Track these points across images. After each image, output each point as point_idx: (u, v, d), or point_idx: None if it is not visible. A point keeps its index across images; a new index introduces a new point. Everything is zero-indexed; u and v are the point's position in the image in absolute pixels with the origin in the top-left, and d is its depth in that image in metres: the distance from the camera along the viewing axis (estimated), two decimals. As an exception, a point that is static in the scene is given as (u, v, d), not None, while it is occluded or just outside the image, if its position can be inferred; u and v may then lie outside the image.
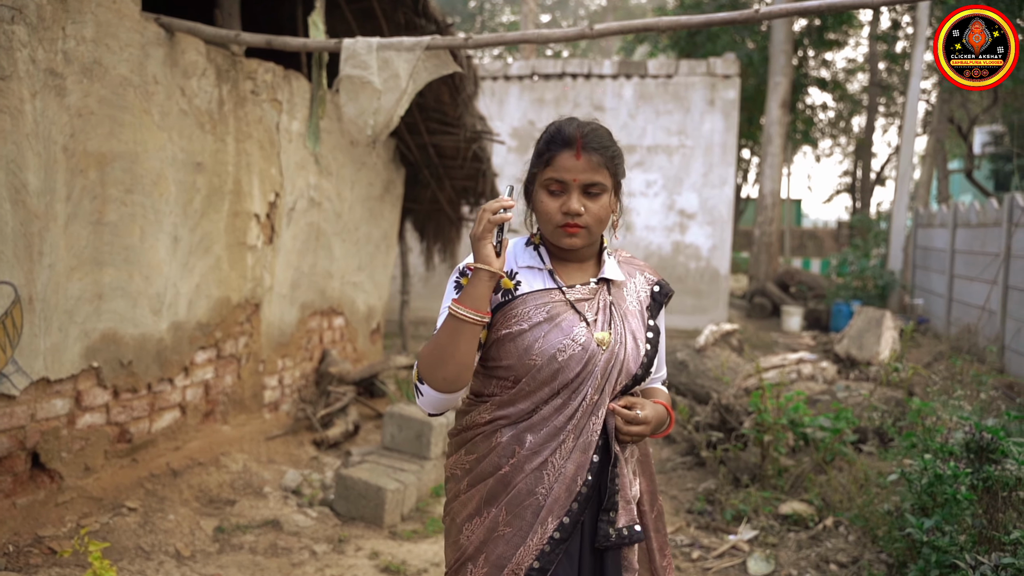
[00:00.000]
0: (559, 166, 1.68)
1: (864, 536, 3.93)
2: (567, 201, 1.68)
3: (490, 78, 10.78)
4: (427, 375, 1.65)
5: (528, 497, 1.67)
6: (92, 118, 3.53)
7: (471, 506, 1.72)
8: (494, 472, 1.70)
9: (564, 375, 1.67)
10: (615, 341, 1.71)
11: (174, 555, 3.52)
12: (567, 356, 1.67)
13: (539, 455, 1.68)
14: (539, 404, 1.69)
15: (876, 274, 12.23)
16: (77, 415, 3.62)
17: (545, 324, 1.69)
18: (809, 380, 6.21)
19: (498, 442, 1.70)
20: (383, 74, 3.73)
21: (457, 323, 1.62)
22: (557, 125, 1.74)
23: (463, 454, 1.77)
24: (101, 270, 3.65)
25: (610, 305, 1.76)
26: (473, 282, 1.64)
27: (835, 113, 23.77)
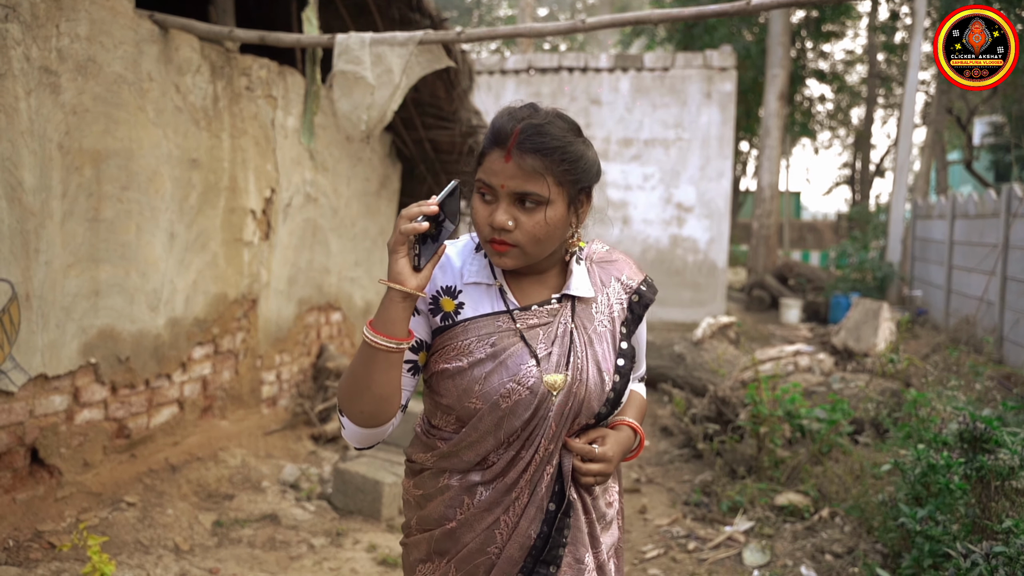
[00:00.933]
0: (487, 167, 1.39)
1: (859, 526, 3.95)
2: (494, 211, 1.38)
3: (487, 72, 10.78)
4: (345, 407, 1.41)
5: (479, 556, 1.46)
6: (87, 115, 3.54)
7: (421, 550, 1.53)
8: (440, 523, 1.48)
9: (510, 424, 1.41)
10: (573, 380, 1.43)
11: (173, 549, 3.55)
12: (512, 402, 1.40)
13: (491, 513, 1.45)
14: (486, 455, 1.44)
15: (875, 266, 12.25)
16: (75, 411, 3.64)
17: (488, 361, 1.41)
18: (806, 372, 6.23)
19: (447, 485, 1.48)
20: (376, 69, 3.73)
21: (370, 350, 1.34)
22: (498, 118, 1.43)
23: (412, 485, 1.56)
24: (98, 267, 3.67)
25: (571, 332, 1.47)
26: (385, 303, 1.34)
27: (834, 105, 23.75)
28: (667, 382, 6.86)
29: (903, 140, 12.27)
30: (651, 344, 7.64)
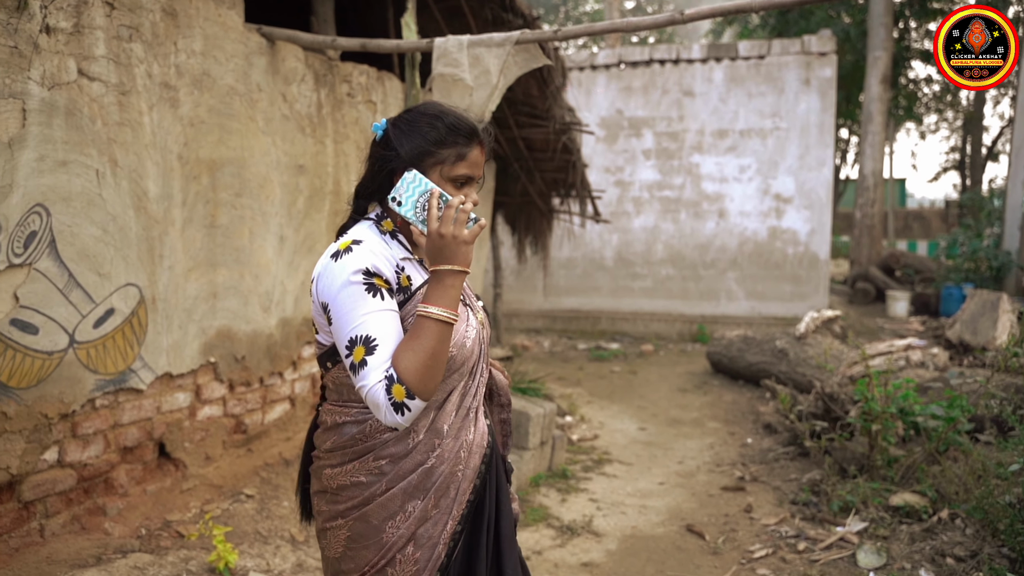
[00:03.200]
0: (473, 162, 1.70)
1: (983, 529, 3.76)
2: (471, 193, 1.71)
3: (576, 68, 10.74)
4: (422, 388, 1.56)
5: (450, 479, 1.72)
6: (203, 127, 3.73)
7: (393, 505, 1.69)
8: (416, 468, 1.69)
9: (470, 360, 1.74)
10: (485, 317, 1.86)
11: (289, 540, 3.70)
12: (471, 341, 1.73)
13: (457, 439, 1.73)
14: (449, 391, 1.72)
15: (990, 255, 11.60)
16: (197, 407, 3.84)
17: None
18: (919, 367, 5.97)
19: (415, 441, 1.69)
20: (474, 71, 3.79)
21: (446, 329, 1.58)
22: (456, 115, 1.72)
23: (370, 460, 1.70)
24: (215, 270, 3.86)
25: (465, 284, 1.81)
26: (455, 284, 1.59)
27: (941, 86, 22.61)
28: (770, 378, 6.70)
29: (1020, 120, 11.57)
30: (750, 339, 7.47)
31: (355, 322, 1.58)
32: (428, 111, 1.72)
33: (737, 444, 5.73)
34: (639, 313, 10.72)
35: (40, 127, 2.92)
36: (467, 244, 1.58)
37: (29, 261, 2.92)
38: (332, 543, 1.76)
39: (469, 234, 1.58)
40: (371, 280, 1.60)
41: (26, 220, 2.89)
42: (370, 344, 1.57)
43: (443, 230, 1.57)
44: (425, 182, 1.62)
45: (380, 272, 1.61)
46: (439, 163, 1.68)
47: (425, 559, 1.71)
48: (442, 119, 1.69)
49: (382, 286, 1.61)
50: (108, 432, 3.35)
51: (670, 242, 10.56)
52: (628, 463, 5.37)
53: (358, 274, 1.59)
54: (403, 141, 1.69)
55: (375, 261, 1.62)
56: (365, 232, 1.70)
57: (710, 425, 6.27)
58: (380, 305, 1.60)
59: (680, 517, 4.39)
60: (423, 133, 1.68)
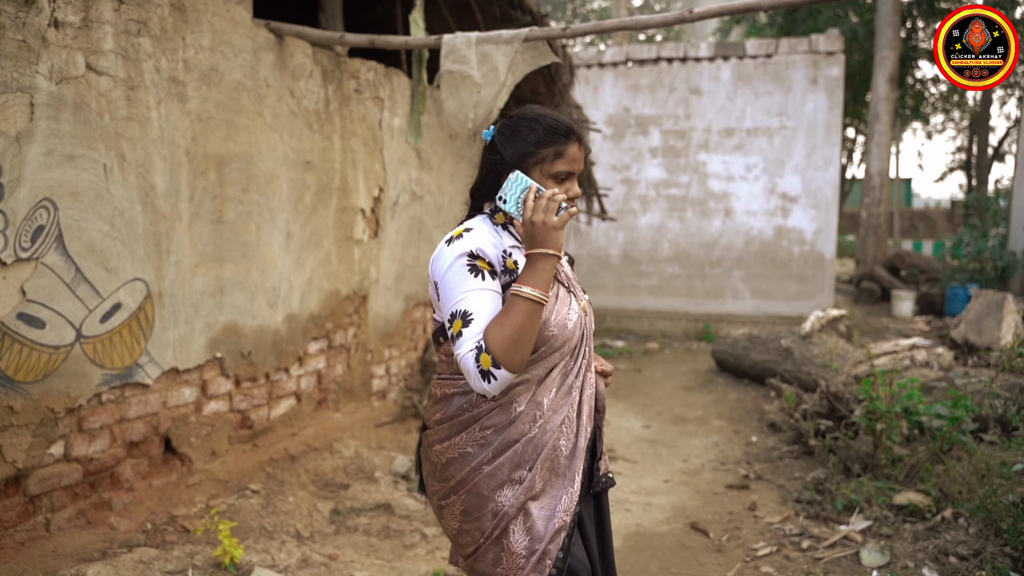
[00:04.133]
0: (571, 158, 1.84)
1: (987, 528, 3.75)
2: (572, 187, 1.86)
3: (584, 66, 10.73)
4: (507, 359, 1.69)
5: (555, 452, 1.83)
6: (210, 122, 3.74)
7: (501, 475, 1.81)
8: (521, 436, 1.80)
9: (571, 341, 1.86)
10: (586, 305, 1.98)
11: (294, 535, 3.71)
12: (573, 323, 1.86)
13: (559, 413, 1.84)
14: (551, 368, 1.84)
15: (995, 255, 11.57)
16: (203, 403, 3.85)
17: (552, 298, 1.83)
18: (923, 367, 5.96)
19: (518, 411, 1.81)
20: (482, 68, 3.79)
21: (535, 307, 1.71)
22: (553, 117, 1.86)
23: (476, 430, 1.83)
24: (222, 266, 3.87)
25: (567, 276, 1.95)
26: (546, 267, 1.73)
27: (948, 86, 22.53)
28: (775, 376, 6.69)
29: (1027, 121, 11.53)
30: (756, 338, 7.46)
31: (457, 298, 1.74)
32: (528, 115, 1.87)
33: (742, 442, 5.73)
34: (644, 311, 10.71)
35: (48, 121, 2.93)
36: (556, 230, 1.72)
37: (36, 255, 2.93)
38: (449, 520, 1.89)
39: (559, 220, 1.72)
40: (475, 262, 1.76)
41: (33, 214, 2.90)
42: (467, 318, 1.72)
43: (535, 218, 1.72)
44: (525, 180, 1.76)
45: (484, 255, 1.76)
46: (539, 162, 1.83)
47: (540, 533, 1.79)
48: (540, 122, 1.84)
49: (485, 268, 1.76)
50: (114, 427, 3.37)
51: (676, 240, 10.56)
52: (633, 460, 5.37)
53: (463, 256, 1.76)
54: (507, 145, 1.85)
55: (481, 245, 1.77)
56: (477, 223, 1.87)
57: (715, 423, 6.27)
58: (480, 284, 1.74)
59: (684, 515, 4.39)
60: (523, 136, 1.84)
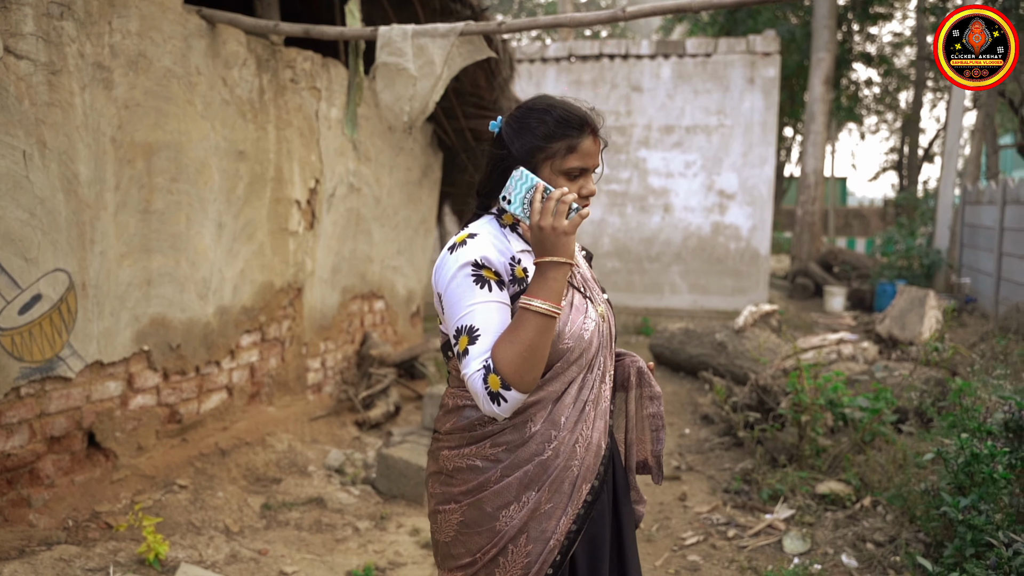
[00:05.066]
0: (585, 152, 1.67)
1: (902, 515, 3.92)
2: (586, 184, 1.70)
3: (527, 60, 10.77)
4: (518, 380, 1.56)
5: (564, 472, 1.71)
6: (138, 109, 3.65)
7: (508, 494, 1.71)
8: (532, 458, 1.69)
9: (588, 353, 1.72)
10: (606, 311, 1.82)
11: (223, 530, 3.66)
12: (590, 334, 1.71)
13: (573, 433, 1.71)
14: (568, 383, 1.71)
15: (922, 253, 12.00)
16: (129, 396, 3.77)
17: (567, 308, 1.69)
18: (849, 361, 6.16)
19: (533, 431, 1.69)
20: (418, 61, 3.78)
21: (547, 321, 1.57)
22: (565, 107, 1.70)
23: (487, 446, 1.72)
24: (149, 257, 3.79)
25: (584, 279, 1.82)
26: (557, 277, 1.58)
27: (881, 89, 23.23)
28: (708, 370, 6.83)
29: (952, 124, 11.97)
30: (691, 332, 7.61)
31: (462, 312, 1.61)
32: (537, 106, 1.71)
33: (676, 435, 5.84)
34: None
35: (-36, 106, 2.83)
36: (567, 235, 1.57)
37: (-49, 244, 2.83)
38: (443, 527, 1.78)
39: (569, 224, 1.57)
40: (479, 272, 1.62)
41: (-52, 202, 2.80)
42: (473, 334, 1.59)
43: (543, 222, 1.57)
44: (531, 178, 1.61)
45: (490, 264, 1.63)
46: (549, 158, 1.67)
47: (537, 553, 1.70)
48: (551, 113, 1.68)
49: (491, 277, 1.63)
50: (34, 421, 3.28)
51: (616, 235, 10.68)
52: (568, 453, 5.44)
53: (467, 266, 1.62)
54: (514, 139, 1.69)
55: (486, 253, 1.63)
56: (483, 226, 1.73)
57: (649, 416, 6.37)
58: (486, 296, 1.61)
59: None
60: (532, 129, 1.67)
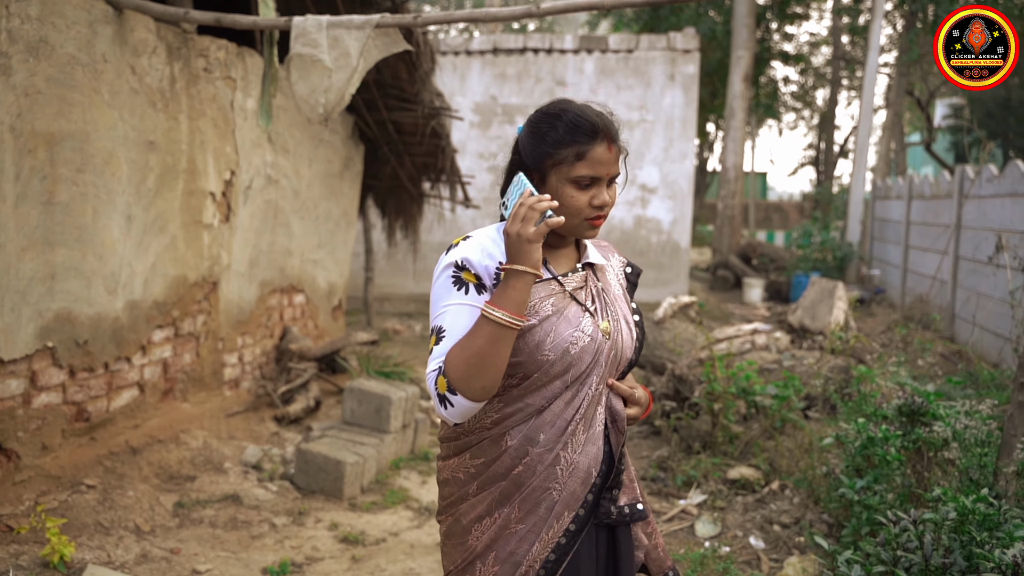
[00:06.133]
0: (594, 160, 1.60)
1: (807, 498, 4.09)
2: (598, 194, 1.62)
3: (452, 53, 10.75)
4: (463, 386, 1.53)
5: (542, 494, 1.64)
6: (39, 97, 3.52)
7: (481, 508, 1.68)
8: (507, 474, 1.65)
9: (576, 368, 1.63)
10: (614, 329, 1.70)
11: (134, 530, 3.58)
12: (579, 348, 1.63)
13: (551, 451, 1.64)
14: (550, 399, 1.64)
15: (835, 246, 12.47)
16: (33, 395, 3.64)
17: (554, 317, 1.62)
18: (763, 350, 6.37)
19: (508, 445, 1.64)
20: (333, 52, 3.75)
21: (499, 330, 1.52)
22: (577, 112, 1.62)
23: (467, 458, 1.69)
24: (53, 250, 3.66)
25: (601, 292, 1.73)
26: (517, 286, 1.53)
27: (798, 86, 23.98)
28: (628, 361, 6.98)
29: (863, 122, 12.47)
30: (614, 324, 7.76)
31: (437, 311, 1.61)
32: (551, 110, 1.65)
33: (596, 424, 5.95)
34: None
35: None
36: (530, 243, 1.52)
37: None
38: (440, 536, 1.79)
39: (534, 233, 1.51)
40: (459, 274, 1.60)
41: None
42: (440, 334, 1.59)
43: (510, 228, 1.53)
44: (525, 183, 1.57)
45: (471, 267, 1.60)
46: (557, 164, 1.61)
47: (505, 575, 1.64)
48: (562, 118, 1.61)
49: (470, 280, 1.60)
50: (-72, 421, 3.14)
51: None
52: (490, 445, 5.48)
53: (450, 267, 1.61)
54: (527, 144, 1.65)
55: (468, 255, 1.61)
56: (484, 230, 1.70)
57: (572, 407, 6.48)
58: (460, 299, 1.59)
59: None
60: (543, 134, 1.62)
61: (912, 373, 4.50)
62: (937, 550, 2.53)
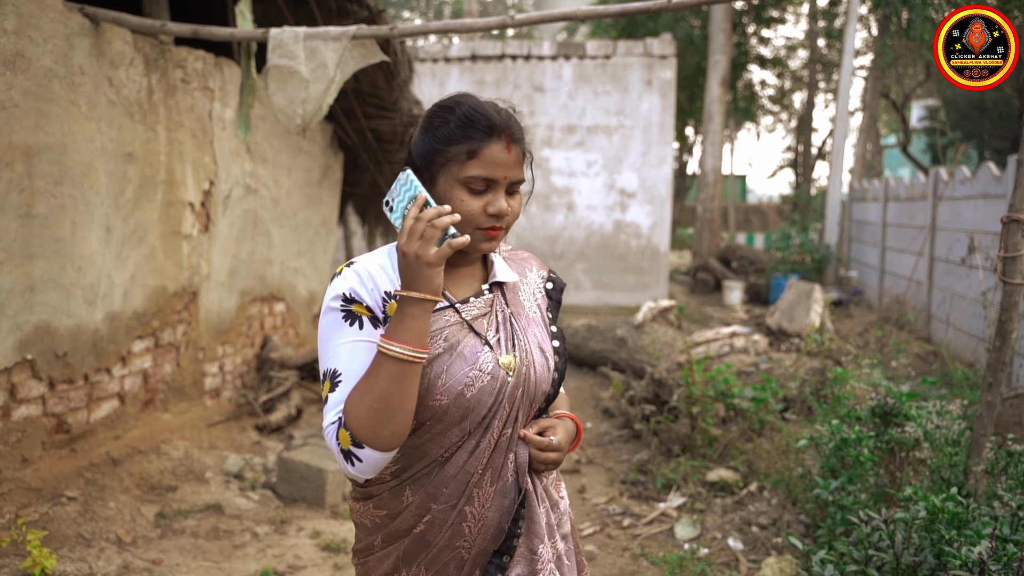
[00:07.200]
0: (488, 160, 1.39)
1: (785, 499, 4.15)
2: (494, 201, 1.41)
3: (431, 60, 10.79)
4: (370, 435, 1.33)
5: (449, 552, 1.46)
6: (16, 111, 3.52)
7: (387, 564, 1.51)
8: (409, 531, 1.47)
9: (476, 413, 1.42)
10: (521, 363, 1.47)
11: (115, 541, 3.58)
12: (476, 390, 1.41)
13: (455, 508, 1.45)
14: (451, 448, 1.44)
15: (813, 248, 12.61)
16: (12, 407, 3.63)
17: (446, 355, 1.41)
18: (742, 353, 6.44)
19: (409, 501, 1.46)
20: (310, 63, 3.77)
21: (403, 366, 1.32)
22: (472, 105, 1.42)
23: (371, 507, 1.51)
24: (32, 263, 3.66)
25: (509, 317, 1.51)
26: (417, 314, 1.32)
27: (776, 90, 24.21)
28: (608, 365, 7.03)
29: (839, 125, 12.63)
30: (594, 328, 7.81)
31: (328, 353, 1.40)
32: (446, 102, 1.45)
33: (577, 429, 5.99)
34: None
35: None
36: (431, 266, 1.30)
37: None
38: None
39: (436, 255, 1.30)
40: (349, 307, 1.39)
41: None
42: (335, 379, 1.38)
43: (406, 247, 1.30)
44: (415, 185, 1.35)
45: (359, 298, 1.39)
46: (447, 163, 1.40)
47: None
48: (455, 111, 1.41)
49: (362, 313, 1.39)
50: (-94, 436, 3.13)
51: (521, 234, 10.83)
52: (472, 450, 5.51)
53: (337, 300, 1.40)
54: (417, 139, 1.45)
55: (356, 286, 1.40)
56: (374, 253, 1.49)
57: (553, 411, 6.52)
58: (355, 335, 1.39)
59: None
60: (435, 129, 1.42)
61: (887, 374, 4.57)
62: (908, 549, 2.60)
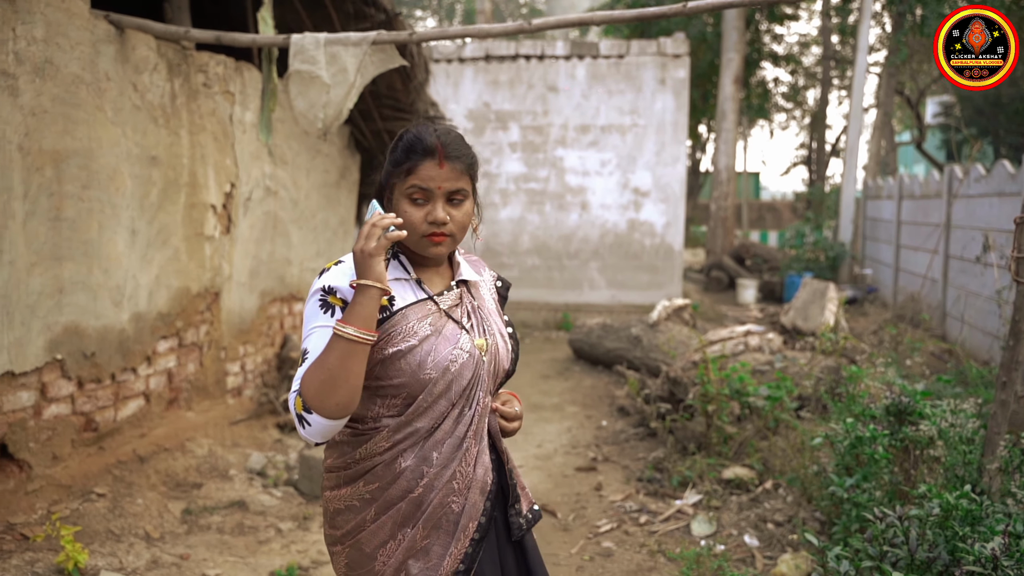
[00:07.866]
0: (423, 175, 1.68)
1: (800, 496, 4.19)
2: (432, 210, 1.69)
3: (444, 60, 10.84)
4: (317, 403, 1.57)
5: (443, 510, 1.71)
6: (46, 116, 3.61)
7: (383, 533, 1.72)
8: (404, 496, 1.70)
9: (458, 384, 1.71)
10: (490, 344, 1.79)
11: (144, 537, 3.67)
12: (459, 365, 1.71)
13: (448, 468, 1.71)
14: (439, 419, 1.71)
15: (827, 246, 12.59)
16: (43, 406, 3.73)
17: (432, 337, 1.70)
18: (756, 351, 6.47)
19: (403, 467, 1.70)
20: (331, 69, 3.84)
21: (349, 345, 1.57)
22: (415, 133, 1.73)
23: (360, 485, 1.73)
24: (61, 265, 3.75)
25: (476, 308, 1.83)
26: (363, 301, 1.59)
27: (789, 87, 24.13)
28: (624, 363, 7.08)
29: (853, 121, 12.60)
30: (609, 326, 7.86)
31: (306, 335, 1.67)
32: (401, 134, 1.76)
33: (593, 427, 6.05)
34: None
35: None
36: (372, 257, 1.58)
37: None
38: (337, 568, 1.81)
39: (375, 247, 1.58)
40: (326, 298, 1.66)
41: None
42: (304, 356, 1.64)
43: (355, 246, 1.60)
44: (374, 206, 1.66)
45: (337, 291, 1.66)
46: (395, 182, 1.72)
47: None
48: (403, 138, 1.74)
49: (336, 303, 1.66)
50: (-57, 434, 3.22)
51: (535, 233, 10.87)
52: (489, 448, 5.57)
53: (319, 291, 1.68)
54: (383, 166, 1.77)
55: (336, 282, 1.67)
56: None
57: (569, 410, 6.58)
58: (326, 321, 1.65)
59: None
60: (390, 154, 1.75)
61: (901, 372, 4.60)
62: (922, 545, 2.64)
